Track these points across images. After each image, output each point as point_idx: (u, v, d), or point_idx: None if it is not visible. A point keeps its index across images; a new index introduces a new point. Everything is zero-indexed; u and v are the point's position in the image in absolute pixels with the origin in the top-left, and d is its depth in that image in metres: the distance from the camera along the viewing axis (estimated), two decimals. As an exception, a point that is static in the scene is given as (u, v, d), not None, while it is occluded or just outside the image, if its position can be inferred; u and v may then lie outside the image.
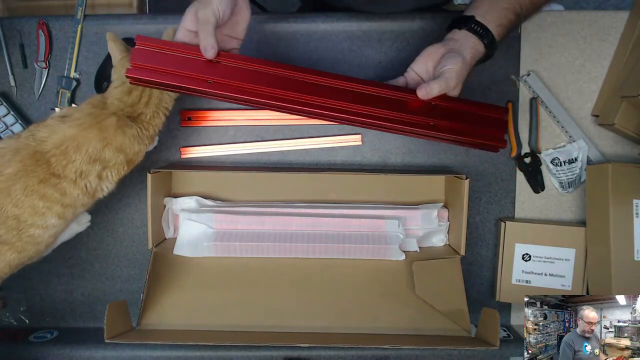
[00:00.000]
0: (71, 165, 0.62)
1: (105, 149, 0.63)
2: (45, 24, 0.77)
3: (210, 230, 0.75)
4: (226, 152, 0.80)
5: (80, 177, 0.63)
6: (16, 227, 0.61)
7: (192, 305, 0.71)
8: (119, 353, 0.75)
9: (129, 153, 0.66)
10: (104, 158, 0.64)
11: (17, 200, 0.60)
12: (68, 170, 0.62)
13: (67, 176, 0.62)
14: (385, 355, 0.75)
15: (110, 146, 0.64)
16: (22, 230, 0.62)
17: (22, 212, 0.61)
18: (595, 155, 0.79)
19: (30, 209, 0.61)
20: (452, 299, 0.70)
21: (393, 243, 0.75)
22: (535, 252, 0.77)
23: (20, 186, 0.60)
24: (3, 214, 0.60)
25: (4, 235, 0.61)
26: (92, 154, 0.63)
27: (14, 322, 0.80)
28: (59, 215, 0.63)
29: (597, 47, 0.78)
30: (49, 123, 0.64)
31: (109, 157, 0.64)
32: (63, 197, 0.62)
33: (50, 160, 0.61)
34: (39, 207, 0.61)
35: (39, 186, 0.61)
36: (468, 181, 0.70)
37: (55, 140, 0.62)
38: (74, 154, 0.62)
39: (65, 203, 0.63)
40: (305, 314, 0.70)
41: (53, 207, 0.62)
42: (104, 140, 0.63)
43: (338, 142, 0.80)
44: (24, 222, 0.61)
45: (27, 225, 0.62)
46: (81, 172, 0.63)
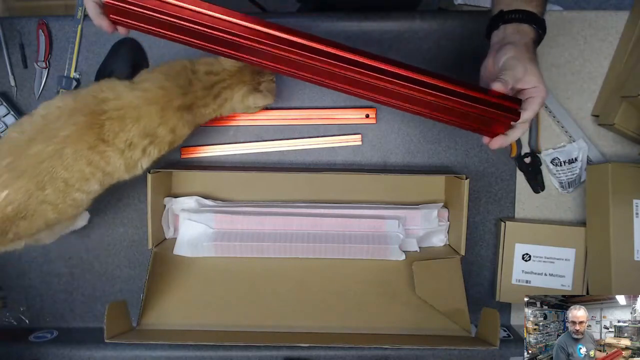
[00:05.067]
0: (123, 134, 0.62)
1: (161, 126, 0.64)
2: (45, 24, 0.77)
3: (210, 230, 0.75)
4: (226, 152, 0.80)
5: (128, 148, 0.63)
6: (63, 190, 0.62)
7: (192, 305, 0.71)
8: (119, 353, 0.75)
9: (177, 135, 0.66)
10: (155, 135, 0.64)
11: (68, 164, 0.61)
12: (118, 139, 0.62)
13: (115, 145, 0.62)
14: (385, 355, 0.75)
15: (166, 125, 0.64)
16: (68, 194, 0.62)
17: (70, 176, 0.61)
18: (595, 155, 0.79)
19: (78, 174, 0.62)
20: (452, 299, 0.70)
21: (393, 243, 0.75)
22: (535, 252, 0.77)
23: (71, 150, 0.60)
24: (54, 176, 0.60)
25: (50, 196, 0.61)
26: (146, 128, 0.63)
27: (14, 322, 0.80)
28: (100, 183, 0.64)
29: (597, 47, 0.78)
30: (116, 85, 0.64)
31: (160, 135, 0.64)
32: (107, 165, 0.63)
33: (104, 124, 0.61)
34: (85, 172, 0.62)
35: (88, 152, 0.61)
36: (468, 181, 0.70)
37: (117, 104, 0.62)
38: (130, 123, 0.62)
39: (107, 171, 0.64)
40: (305, 314, 0.70)
41: (97, 173, 0.63)
42: (163, 118, 0.64)
43: (338, 142, 0.80)
44: (71, 185, 0.62)
45: (73, 189, 0.62)
46: (130, 143, 0.63)
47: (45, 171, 0.60)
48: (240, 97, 0.69)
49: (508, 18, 0.60)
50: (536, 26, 0.60)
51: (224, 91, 0.68)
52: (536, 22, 0.60)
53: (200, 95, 0.67)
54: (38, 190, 0.60)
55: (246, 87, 0.69)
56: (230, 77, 0.68)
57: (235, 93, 0.69)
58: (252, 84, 0.70)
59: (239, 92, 0.69)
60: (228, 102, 0.70)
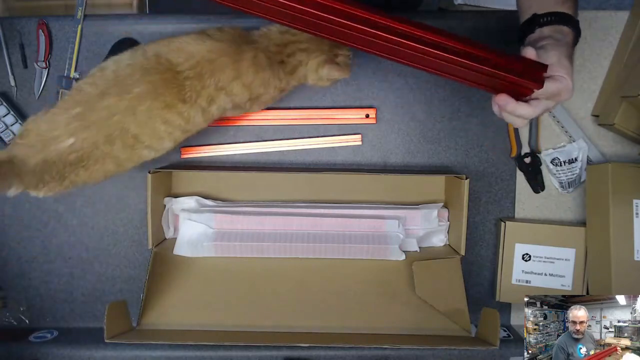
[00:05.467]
0: (204, 91, 0.61)
1: (235, 81, 0.63)
2: (45, 24, 0.77)
3: (210, 230, 0.75)
4: (226, 152, 0.80)
5: (209, 104, 0.62)
6: (131, 146, 0.61)
7: (192, 305, 0.71)
8: (119, 353, 0.75)
9: (252, 94, 0.65)
10: (230, 91, 0.63)
11: (140, 122, 0.60)
12: (201, 98, 0.61)
13: (198, 103, 0.61)
14: (385, 355, 0.75)
15: (239, 80, 0.63)
16: (136, 150, 0.62)
17: (141, 133, 0.61)
18: (595, 155, 0.79)
19: (150, 131, 0.61)
20: (452, 299, 0.70)
21: (393, 243, 0.75)
22: (535, 252, 0.77)
23: (146, 108, 0.60)
24: (124, 131, 0.60)
25: (116, 150, 0.61)
26: (222, 82, 0.62)
27: (14, 322, 0.80)
28: (175, 141, 0.64)
29: (597, 47, 0.78)
30: (185, 41, 0.62)
31: (235, 91, 0.63)
32: (186, 124, 0.62)
33: (184, 84, 0.60)
34: (160, 130, 0.61)
35: (163, 111, 0.60)
36: (468, 181, 0.70)
37: (192, 62, 0.61)
38: (208, 78, 0.61)
39: (186, 129, 0.63)
40: (305, 314, 0.70)
41: (174, 132, 0.62)
42: (237, 71, 0.62)
43: (338, 142, 0.80)
44: (140, 142, 0.62)
45: (142, 146, 0.62)
46: (211, 99, 0.62)
47: (116, 126, 0.59)
48: (315, 65, 0.66)
49: (544, 21, 0.58)
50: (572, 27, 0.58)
51: (298, 53, 0.65)
52: (572, 23, 0.58)
53: (274, 51, 0.64)
54: (106, 144, 0.60)
55: (324, 55, 0.66)
56: (308, 41, 0.65)
57: (311, 59, 0.66)
58: (330, 54, 0.67)
59: (315, 59, 0.66)
60: (302, 67, 0.67)
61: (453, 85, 0.79)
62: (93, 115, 0.59)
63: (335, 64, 0.67)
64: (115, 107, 0.59)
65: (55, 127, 0.59)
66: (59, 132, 0.59)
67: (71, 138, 0.59)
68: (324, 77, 0.68)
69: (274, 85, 0.67)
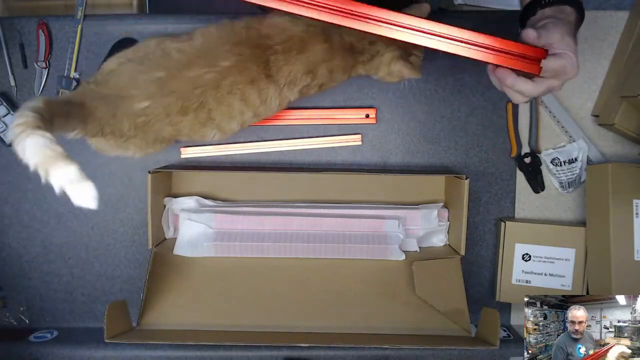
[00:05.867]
0: (286, 67, 0.60)
1: (323, 63, 0.62)
2: (45, 24, 0.77)
3: (210, 230, 0.75)
4: (226, 152, 0.80)
5: (288, 86, 0.62)
6: (202, 122, 0.61)
7: (192, 305, 0.71)
8: (119, 353, 0.75)
9: (332, 79, 0.64)
10: (316, 73, 0.62)
11: (221, 97, 0.59)
12: (281, 73, 0.60)
13: (277, 80, 0.61)
14: (385, 355, 0.75)
15: (327, 63, 0.62)
16: (203, 126, 0.61)
17: (216, 109, 0.60)
18: (595, 155, 0.79)
19: (225, 109, 0.60)
20: (452, 299, 0.70)
21: (393, 243, 0.75)
22: (535, 252, 0.77)
23: (230, 82, 0.59)
24: (201, 105, 0.59)
25: (185, 122, 0.60)
26: (310, 64, 0.61)
27: (14, 322, 0.80)
28: (242, 124, 0.63)
29: (597, 47, 0.78)
30: (279, 22, 0.61)
31: (319, 73, 0.62)
32: (261, 104, 0.61)
33: (268, 59, 0.60)
34: (234, 108, 0.60)
35: (246, 87, 0.59)
36: (468, 181, 0.70)
37: (283, 37, 0.60)
38: (296, 55, 0.60)
39: (257, 113, 0.62)
40: (305, 314, 0.70)
41: (246, 113, 0.61)
42: (327, 54, 0.61)
43: (338, 142, 0.80)
44: (212, 120, 0.61)
45: (213, 123, 0.61)
46: (291, 80, 0.61)
47: (195, 98, 0.58)
48: (389, 58, 0.65)
49: (545, 2, 0.57)
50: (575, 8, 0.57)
51: (379, 42, 0.64)
52: (574, 3, 0.57)
53: (358, 36, 0.63)
54: (178, 114, 0.59)
55: (399, 51, 0.65)
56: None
57: (388, 52, 0.65)
58: (405, 50, 0.66)
59: (391, 52, 0.65)
60: (377, 58, 0.65)
61: (453, 85, 0.79)
62: (175, 82, 0.58)
63: (408, 62, 0.66)
64: (200, 78, 0.58)
65: (134, 86, 0.58)
66: (137, 93, 0.58)
67: (147, 101, 0.58)
68: (394, 73, 0.67)
69: (348, 73, 0.66)
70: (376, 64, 0.66)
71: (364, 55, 0.65)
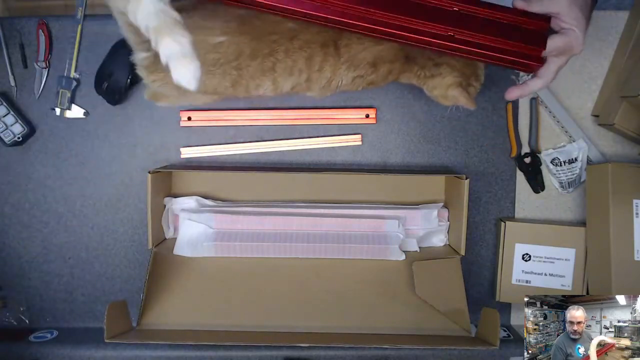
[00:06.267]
0: (355, 48, 0.61)
1: (387, 64, 0.63)
2: (45, 24, 0.77)
3: (210, 230, 0.75)
4: (226, 152, 0.80)
5: (347, 66, 0.62)
6: (264, 71, 0.61)
7: (192, 305, 0.71)
8: (119, 353, 0.75)
9: (381, 82, 0.65)
10: (377, 69, 0.63)
11: (290, 49, 0.59)
12: (347, 50, 0.61)
13: (340, 55, 0.61)
14: (385, 355, 0.75)
15: (389, 65, 0.63)
16: (264, 76, 0.61)
17: (281, 62, 0.60)
18: (595, 155, 0.79)
19: (290, 63, 0.60)
20: (452, 299, 0.70)
21: (393, 243, 0.75)
22: (535, 252, 0.77)
23: (304, 38, 0.59)
24: (271, 52, 0.59)
25: (251, 69, 0.60)
26: (378, 58, 0.62)
27: (14, 322, 0.80)
28: (294, 86, 0.63)
29: (597, 47, 0.78)
30: None
31: (379, 72, 0.63)
32: (317, 71, 0.62)
33: (343, 32, 0.60)
34: (297, 66, 0.60)
35: (315, 49, 0.60)
36: (468, 181, 0.70)
37: None
38: (370, 43, 0.61)
39: (311, 78, 0.62)
40: (305, 314, 0.70)
41: (301, 76, 0.62)
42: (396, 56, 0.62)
43: (338, 142, 0.80)
44: (273, 72, 0.61)
45: (272, 76, 0.61)
46: (353, 62, 0.62)
47: (269, 44, 0.58)
48: (450, 82, 0.66)
49: None
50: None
51: (444, 66, 0.65)
52: None
53: (425, 54, 0.65)
54: (248, 58, 0.58)
55: (461, 78, 0.66)
56: (455, 60, 0.65)
57: (449, 75, 0.66)
58: (466, 79, 0.67)
59: (453, 78, 0.66)
60: (437, 79, 0.66)
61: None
62: (256, 22, 0.57)
63: (466, 91, 0.66)
64: (279, 25, 0.57)
65: (215, 17, 0.57)
66: (216, 25, 0.56)
67: (224, 36, 0.57)
68: (449, 97, 0.68)
69: (396, 77, 0.67)
70: (434, 83, 0.67)
71: (424, 70, 0.66)
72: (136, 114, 0.79)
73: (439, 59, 0.65)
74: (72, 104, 0.78)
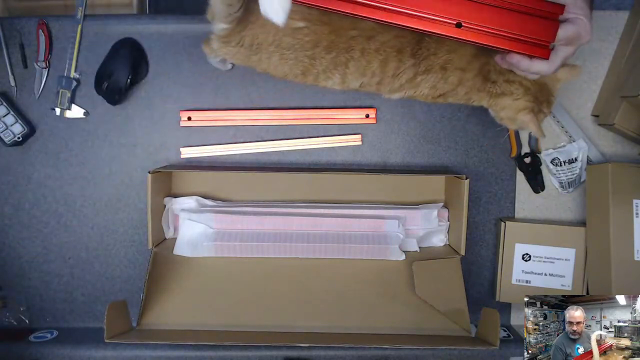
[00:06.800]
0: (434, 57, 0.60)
1: (457, 71, 0.62)
2: (45, 24, 0.77)
3: (210, 230, 0.75)
4: (226, 152, 0.80)
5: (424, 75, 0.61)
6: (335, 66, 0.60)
7: (192, 305, 0.71)
8: (119, 353, 0.75)
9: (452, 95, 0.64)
10: (447, 77, 0.62)
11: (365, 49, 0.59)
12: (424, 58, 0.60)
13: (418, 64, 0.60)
14: (385, 355, 0.75)
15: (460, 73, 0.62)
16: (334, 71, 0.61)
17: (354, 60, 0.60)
18: (595, 155, 0.79)
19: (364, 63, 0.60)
20: (452, 299, 0.70)
21: (393, 243, 0.75)
22: (535, 252, 0.77)
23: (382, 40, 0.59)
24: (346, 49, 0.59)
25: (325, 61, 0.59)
26: (449, 64, 0.61)
27: (14, 322, 0.80)
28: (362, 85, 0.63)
29: (597, 47, 0.78)
30: None
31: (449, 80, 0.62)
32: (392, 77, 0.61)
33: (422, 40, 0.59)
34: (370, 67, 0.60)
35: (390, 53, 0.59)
36: (468, 181, 0.70)
37: None
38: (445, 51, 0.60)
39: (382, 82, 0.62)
40: (305, 314, 0.70)
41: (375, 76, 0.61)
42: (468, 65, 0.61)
43: (338, 142, 0.80)
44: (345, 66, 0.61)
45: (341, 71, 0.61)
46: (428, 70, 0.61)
47: (347, 40, 0.58)
48: (522, 105, 0.63)
49: None
50: None
51: (517, 85, 0.62)
52: None
53: (498, 70, 0.62)
54: (323, 50, 0.58)
55: (534, 103, 0.63)
56: (530, 82, 0.63)
57: (523, 99, 0.63)
58: (538, 105, 0.64)
59: (526, 102, 0.63)
60: (509, 98, 0.63)
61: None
62: (337, 16, 0.56)
63: (536, 118, 0.64)
64: (361, 22, 0.57)
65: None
66: (297, 9, 0.56)
67: (303, 22, 0.57)
68: (517, 122, 0.65)
69: (469, 96, 0.65)
70: (504, 103, 0.64)
71: (495, 87, 0.64)
72: (136, 114, 0.79)
73: (512, 75, 0.62)
74: (72, 104, 0.78)
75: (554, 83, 0.64)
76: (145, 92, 0.79)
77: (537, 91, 0.63)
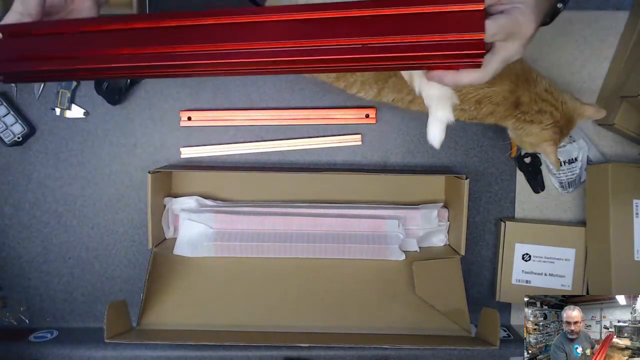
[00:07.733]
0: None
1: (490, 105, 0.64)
2: (45, 24, 0.77)
3: (210, 230, 0.75)
4: (226, 152, 0.80)
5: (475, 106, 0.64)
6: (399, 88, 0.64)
7: (192, 305, 0.71)
8: (119, 353, 0.75)
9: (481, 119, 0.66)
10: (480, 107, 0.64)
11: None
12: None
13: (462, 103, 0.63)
14: (385, 355, 0.75)
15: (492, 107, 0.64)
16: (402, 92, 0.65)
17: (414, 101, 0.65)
18: (595, 155, 0.79)
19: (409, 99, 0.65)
20: (452, 299, 0.70)
21: (393, 243, 0.75)
22: (535, 252, 0.77)
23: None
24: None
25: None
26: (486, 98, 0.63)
27: (14, 322, 0.80)
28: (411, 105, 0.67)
29: (597, 47, 0.78)
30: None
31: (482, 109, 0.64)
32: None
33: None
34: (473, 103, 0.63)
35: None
36: (468, 181, 0.70)
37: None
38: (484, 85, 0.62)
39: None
40: (305, 314, 0.70)
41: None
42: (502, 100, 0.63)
43: (338, 142, 0.80)
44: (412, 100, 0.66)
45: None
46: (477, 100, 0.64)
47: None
48: (547, 137, 0.65)
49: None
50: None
51: (547, 115, 0.64)
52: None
53: (533, 99, 0.63)
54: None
55: (558, 135, 0.65)
56: (560, 114, 0.64)
57: (549, 129, 0.64)
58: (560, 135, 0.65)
59: (552, 133, 0.64)
60: (536, 127, 0.64)
61: (453, 85, 0.79)
62: None
63: (555, 149, 0.66)
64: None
65: None
66: None
67: None
68: (539, 148, 0.67)
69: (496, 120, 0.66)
70: (531, 130, 0.65)
71: (525, 115, 0.64)
72: (136, 114, 0.79)
73: (545, 105, 0.63)
74: (72, 104, 0.78)
75: (577, 117, 0.65)
76: (145, 92, 0.79)
77: (563, 124, 0.65)
